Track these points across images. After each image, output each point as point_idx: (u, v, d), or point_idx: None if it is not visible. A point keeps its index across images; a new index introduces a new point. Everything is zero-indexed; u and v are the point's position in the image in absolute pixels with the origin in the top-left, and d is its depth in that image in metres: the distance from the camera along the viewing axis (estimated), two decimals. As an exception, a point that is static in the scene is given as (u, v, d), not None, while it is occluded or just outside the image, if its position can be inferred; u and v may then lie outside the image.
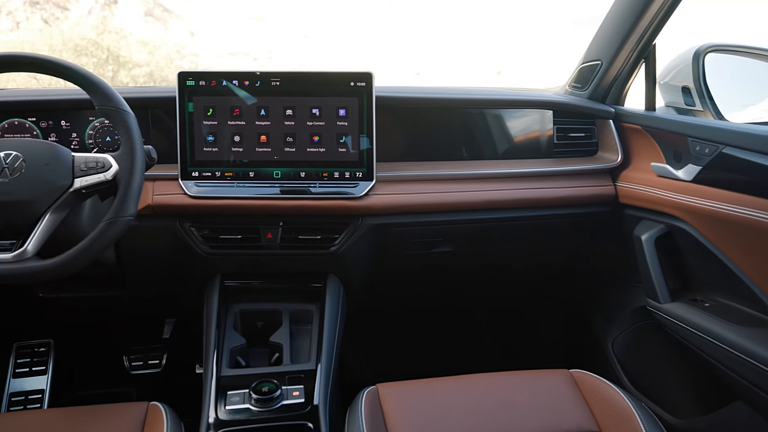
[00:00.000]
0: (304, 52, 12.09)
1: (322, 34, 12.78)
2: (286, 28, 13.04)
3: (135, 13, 12.00)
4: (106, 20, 9.38)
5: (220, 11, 13.12)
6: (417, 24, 11.45)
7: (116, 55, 7.82)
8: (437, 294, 1.71)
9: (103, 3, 11.79)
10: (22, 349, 1.66)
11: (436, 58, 10.50)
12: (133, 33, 9.08)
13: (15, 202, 0.98)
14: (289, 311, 1.33)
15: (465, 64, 10.10)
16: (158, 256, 1.32)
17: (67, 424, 1.03)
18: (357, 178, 1.29)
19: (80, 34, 8.36)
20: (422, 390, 1.13)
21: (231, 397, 1.10)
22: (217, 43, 11.96)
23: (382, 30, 11.64)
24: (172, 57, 9.08)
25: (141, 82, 7.48)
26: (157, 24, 11.45)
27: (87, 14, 11.35)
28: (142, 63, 8.15)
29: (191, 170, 1.27)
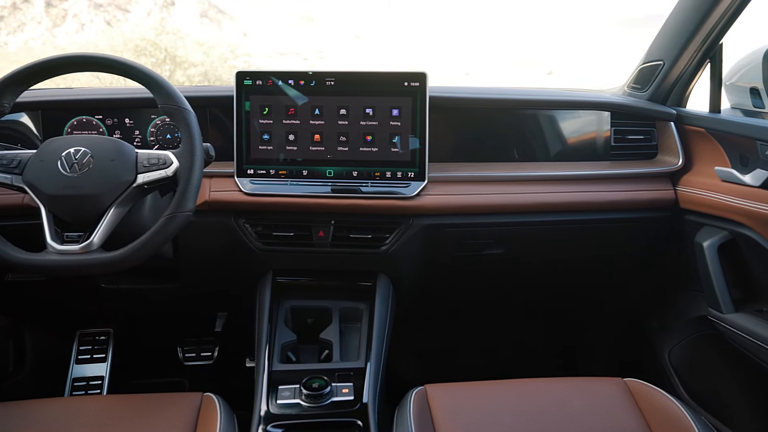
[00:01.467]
0: (354, 52, 12.18)
1: (372, 34, 12.84)
2: (337, 29, 13.16)
3: (191, 14, 12.37)
4: (164, 21, 9.72)
5: (271, 12, 13.35)
6: (467, 25, 11.36)
7: (173, 55, 8.08)
8: (487, 296, 1.69)
9: (162, 5, 12.21)
10: (84, 337, 1.73)
11: (486, 59, 10.40)
12: (189, 34, 9.37)
13: (83, 196, 1.02)
14: (338, 309, 1.34)
15: (515, 64, 9.97)
16: (213, 251, 1.36)
17: (127, 410, 1.07)
18: (409, 178, 1.29)
19: (140, 35, 8.68)
20: (471, 392, 1.12)
21: (282, 392, 1.12)
22: (269, 43, 12.19)
23: (433, 31, 11.60)
24: (225, 57, 9.32)
25: (196, 81, 7.71)
26: (211, 25, 11.77)
27: (146, 16, 11.77)
28: (198, 63, 8.40)
29: (246, 168, 1.29)
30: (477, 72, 9.77)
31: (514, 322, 1.89)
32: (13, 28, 11.07)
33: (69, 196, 1.02)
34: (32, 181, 1.02)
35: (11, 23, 11.14)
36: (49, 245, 1.01)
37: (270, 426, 1.06)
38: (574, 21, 10.57)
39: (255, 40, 12.13)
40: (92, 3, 11.98)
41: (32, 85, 1.09)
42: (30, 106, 1.33)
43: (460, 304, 1.76)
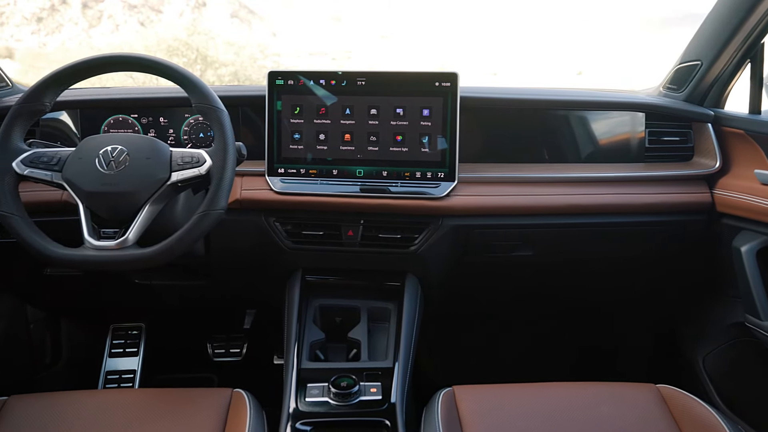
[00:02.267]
0: (382, 52, 12.18)
1: (399, 35, 12.83)
2: (364, 29, 13.19)
3: (222, 15, 12.53)
4: (195, 22, 9.85)
5: (300, 12, 13.45)
6: (494, 24, 11.27)
7: (204, 55, 8.19)
8: (516, 297, 1.67)
9: (194, 6, 12.41)
10: (117, 331, 1.77)
11: (513, 59, 10.29)
12: (220, 34, 9.48)
13: (119, 193, 1.04)
14: (367, 308, 1.35)
15: (543, 64, 9.85)
16: (244, 249, 1.37)
17: (160, 404, 1.09)
18: (438, 178, 1.28)
19: (172, 35, 8.82)
20: (500, 395, 1.11)
21: (310, 390, 1.13)
22: (298, 43, 12.25)
23: (459, 30, 11.54)
24: (255, 57, 9.40)
25: (226, 81, 7.81)
26: (242, 25, 11.90)
27: (179, 16, 11.96)
28: (228, 63, 8.49)
29: (277, 167, 1.30)
30: (504, 72, 9.66)
31: (544, 325, 1.86)
32: (51, 29, 11.37)
33: (106, 193, 1.04)
34: (71, 178, 1.05)
35: (49, 24, 11.44)
36: (86, 241, 1.03)
37: (299, 423, 1.06)
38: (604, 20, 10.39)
39: (284, 40, 12.21)
40: (126, 4, 12.23)
41: (72, 85, 1.11)
42: (69, 104, 1.37)
43: (489, 305, 1.75)
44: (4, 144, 1.05)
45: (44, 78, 1.09)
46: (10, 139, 1.06)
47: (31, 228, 1.04)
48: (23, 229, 1.03)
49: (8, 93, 1.44)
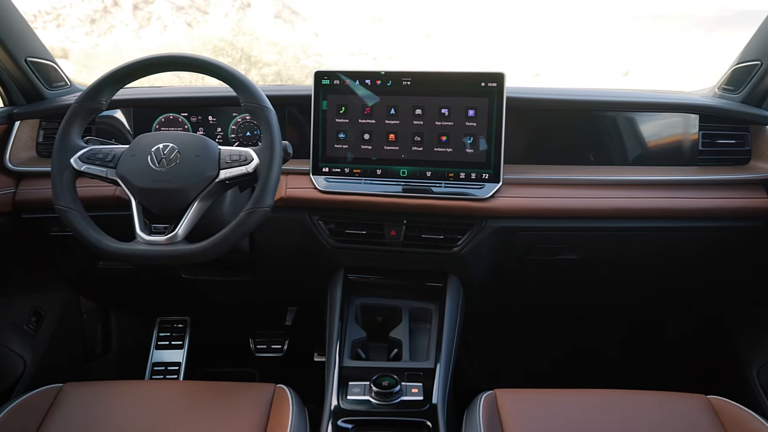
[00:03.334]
0: (424, 52, 12.16)
1: (442, 34, 12.79)
2: (406, 29, 13.19)
3: (266, 15, 12.74)
4: (240, 22, 10.05)
5: (343, 12, 13.57)
6: (535, 24, 11.11)
7: (249, 55, 8.34)
8: (559, 301, 1.64)
9: (238, 6, 12.68)
10: (164, 324, 1.82)
11: (556, 58, 10.13)
12: (264, 34, 9.64)
13: (169, 189, 1.06)
14: (408, 308, 1.34)
15: (586, 64, 9.66)
16: (288, 246, 1.39)
17: (204, 396, 1.11)
18: (483, 179, 1.27)
19: (218, 35, 9.02)
20: (543, 400, 1.09)
21: (352, 388, 1.13)
22: (340, 43, 12.36)
23: (500, 30, 11.43)
24: (298, 57, 9.53)
25: (269, 80, 7.93)
26: (285, 25, 12.07)
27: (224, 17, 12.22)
28: (271, 62, 8.63)
29: (322, 166, 1.31)
30: (547, 72, 9.52)
31: (588, 330, 1.83)
32: (103, 30, 11.79)
33: (157, 190, 1.06)
34: (125, 175, 1.07)
35: (102, 26, 11.87)
36: (138, 236, 1.05)
37: (340, 421, 1.07)
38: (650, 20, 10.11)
39: (326, 40, 12.33)
40: (174, 5, 12.58)
41: (128, 84, 1.15)
42: (123, 103, 1.41)
43: (531, 308, 1.72)
44: (63, 141, 1.09)
45: (101, 77, 1.12)
46: (69, 136, 1.10)
47: (87, 222, 1.07)
48: (79, 223, 1.07)
49: (67, 92, 1.50)
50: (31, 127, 1.41)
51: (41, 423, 1.03)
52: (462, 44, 11.63)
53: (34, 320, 1.51)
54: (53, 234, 1.37)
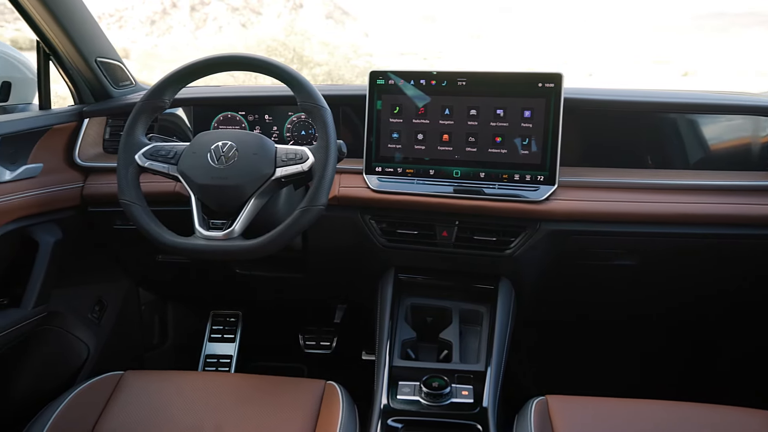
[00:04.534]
0: (474, 52, 12.07)
1: (492, 35, 12.66)
2: (458, 28, 13.13)
3: (317, 15, 12.91)
4: (293, 23, 10.21)
5: (393, 12, 13.61)
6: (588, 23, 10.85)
7: (300, 55, 8.46)
8: (614, 307, 1.60)
9: (291, 7, 12.91)
10: (217, 317, 1.87)
11: (610, 59, 9.86)
12: (315, 34, 9.77)
13: (228, 186, 1.08)
14: (458, 310, 1.34)
15: (643, 64, 9.36)
16: (340, 244, 1.40)
17: (257, 389, 1.13)
18: (538, 181, 1.25)
19: (271, 35, 9.19)
20: (596, 409, 1.07)
21: (402, 388, 1.13)
22: (389, 43, 12.39)
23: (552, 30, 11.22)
24: (348, 57, 9.61)
25: (320, 80, 8.04)
26: (336, 26, 12.21)
27: (277, 18, 12.45)
28: (323, 62, 8.73)
29: (375, 165, 1.32)
30: (601, 72, 9.27)
31: (643, 338, 1.77)
32: (162, 31, 12.21)
33: (216, 186, 1.08)
34: (185, 171, 1.10)
35: (161, 27, 12.29)
36: (197, 231, 1.08)
37: (390, 420, 1.07)
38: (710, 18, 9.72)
39: (376, 40, 12.40)
40: (229, 6, 12.91)
41: (190, 83, 1.18)
42: (184, 102, 1.45)
43: (584, 314, 1.68)
44: (128, 138, 1.13)
45: (165, 77, 1.16)
46: (134, 133, 1.14)
47: (149, 216, 1.11)
48: (142, 218, 1.11)
49: (132, 90, 1.56)
50: (99, 124, 1.47)
51: (104, 407, 1.08)
52: (512, 45, 11.48)
53: (98, 309, 1.58)
54: (116, 227, 1.43)
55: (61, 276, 1.35)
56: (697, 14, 10.02)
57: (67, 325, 1.47)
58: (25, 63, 1.42)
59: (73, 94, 1.47)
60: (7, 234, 1.20)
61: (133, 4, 12.33)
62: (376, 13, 13.37)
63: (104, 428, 1.03)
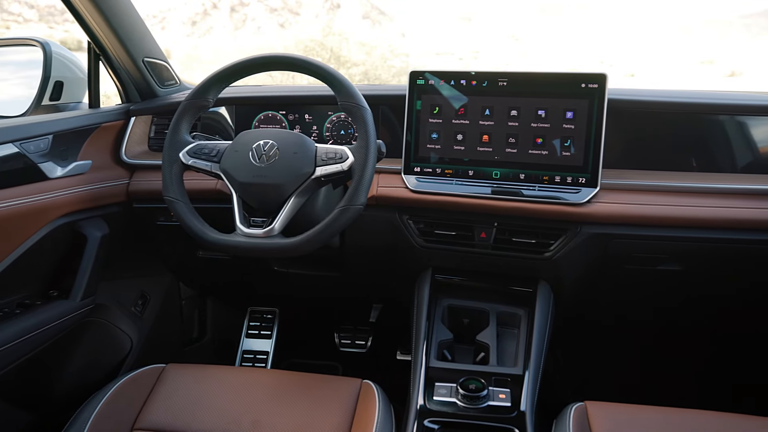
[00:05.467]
0: (511, 53, 11.96)
1: (529, 35, 12.54)
2: (494, 29, 13.05)
3: (354, 16, 12.98)
4: (330, 23, 10.28)
5: (430, 13, 13.62)
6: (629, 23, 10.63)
7: (338, 55, 8.52)
8: (657, 314, 1.56)
9: (328, 8, 13.01)
10: (254, 314, 1.90)
11: (651, 59, 9.63)
12: (352, 35, 9.82)
13: (268, 184, 1.09)
14: (496, 312, 1.33)
15: (686, 65, 9.11)
16: (377, 244, 1.41)
17: (294, 386, 1.15)
18: (579, 183, 1.23)
19: (309, 36, 9.28)
20: (637, 416, 1.04)
21: (438, 389, 1.13)
22: (425, 43, 12.37)
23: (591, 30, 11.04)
24: (385, 57, 9.63)
25: (357, 80, 8.07)
26: (373, 26, 12.24)
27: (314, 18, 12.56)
28: (359, 62, 8.77)
29: (413, 165, 1.32)
30: (642, 73, 9.05)
31: (686, 346, 1.72)
32: (202, 31, 12.48)
33: (257, 184, 1.10)
34: (228, 169, 1.12)
35: (201, 28, 12.56)
36: (237, 228, 1.10)
37: (426, 420, 1.07)
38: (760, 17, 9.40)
39: (412, 40, 12.39)
40: (268, 7, 13.11)
41: (233, 82, 1.20)
42: (226, 101, 1.48)
43: (625, 319, 1.65)
44: (173, 136, 1.16)
45: (209, 77, 1.18)
46: (179, 131, 1.16)
47: (192, 213, 1.14)
48: (185, 214, 1.13)
49: (177, 90, 1.60)
50: (144, 122, 1.51)
51: (147, 398, 1.11)
52: (549, 45, 11.34)
53: (141, 303, 1.62)
54: (159, 223, 1.47)
55: (107, 270, 1.39)
56: (744, 13, 9.69)
57: (112, 317, 1.51)
58: (76, 63, 1.47)
59: (121, 93, 1.52)
60: (58, 228, 1.24)
61: (175, 5, 12.63)
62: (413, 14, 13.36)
63: (147, 418, 1.06)
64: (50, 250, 1.26)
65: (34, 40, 1.41)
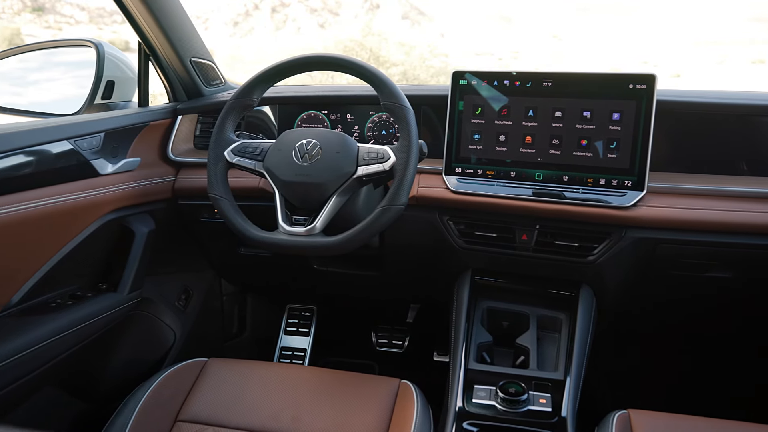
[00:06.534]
0: (552, 53, 11.80)
1: (571, 34, 12.36)
2: (535, 28, 12.93)
3: (394, 16, 12.98)
4: (370, 23, 10.32)
5: (469, 13, 13.58)
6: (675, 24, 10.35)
7: (377, 55, 8.54)
8: (702, 321, 1.51)
9: (368, 8, 13.06)
10: (292, 311, 1.92)
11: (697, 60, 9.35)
12: (392, 35, 9.83)
13: (311, 183, 1.10)
14: (536, 315, 1.31)
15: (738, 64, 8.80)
16: (416, 244, 1.40)
17: (332, 384, 1.15)
18: (625, 186, 1.20)
19: (348, 36, 9.33)
20: (683, 426, 1.01)
21: (477, 392, 1.12)
22: (465, 43, 12.30)
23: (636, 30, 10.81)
24: (424, 57, 9.60)
25: (395, 80, 8.08)
26: (412, 26, 12.23)
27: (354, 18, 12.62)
28: (398, 62, 8.78)
29: (455, 166, 1.31)
30: (688, 73, 8.79)
31: (732, 356, 1.66)
32: (244, 32, 12.69)
33: (300, 183, 1.11)
34: (271, 168, 1.14)
35: (243, 28, 12.78)
36: (280, 226, 1.11)
37: (465, 423, 1.07)
38: (822, 14, 9.02)
39: (452, 40, 12.34)
40: (308, 8, 13.26)
41: (278, 82, 1.22)
42: (270, 100, 1.51)
43: (669, 326, 1.60)
44: (219, 135, 1.18)
45: (254, 76, 1.20)
46: (224, 130, 1.18)
47: (236, 211, 1.15)
48: (229, 211, 1.15)
49: (222, 89, 1.63)
50: (190, 121, 1.54)
51: (189, 391, 1.13)
52: (591, 45, 11.14)
53: (184, 298, 1.66)
54: (203, 220, 1.50)
55: (152, 265, 1.43)
56: (801, 10, 9.24)
57: (157, 311, 1.55)
58: (127, 63, 1.51)
59: (168, 92, 1.56)
60: (108, 223, 1.28)
61: (218, 6, 12.88)
62: (453, 14, 13.27)
63: (190, 410, 1.09)
64: (100, 244, 1.30)
65: (89, 41, 1.46)
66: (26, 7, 38.17)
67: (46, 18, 36.40)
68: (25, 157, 1.08)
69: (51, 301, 1.20)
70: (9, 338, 1.04)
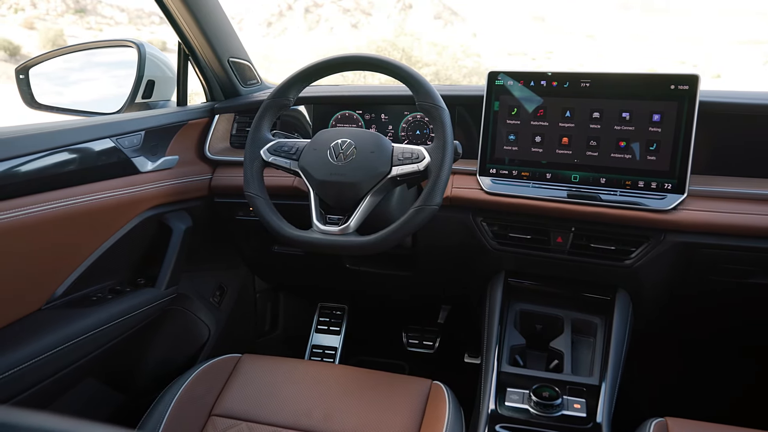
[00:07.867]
0: (586, 53, 11.63)
1: (606, 34, 12.17)
2: (569, 28, 12.76)
3: (426, 16, 12.96)
4: (402, 24, 10.33)
5: (502, 12, 13.49)
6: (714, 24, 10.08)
7: (409, 55, 8.54)
8: (741, 328, 1.47)
9: (400, 8, 13.06)
10: (324, 309, 1.93)
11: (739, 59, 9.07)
12: (424, 35, 9.81)
13: (345, 183, 1.11)
14: (570, 319, 1.29)
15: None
16: (449, 245, 1.40)
17: (363, 383, 1.16)
18: (665, 189, 1.17)
19: (381, 36, 9.35)
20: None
21: (510, 395, 1.11)
22: (497, 43, 12.23)
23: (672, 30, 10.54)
24: (456, 57, 9.55)
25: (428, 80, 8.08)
26: (445, 26, 12.19)
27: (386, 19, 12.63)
28: (431, 63, 8.75)
29: (489, 167, 1.30)
30: (729, 74, 8.54)
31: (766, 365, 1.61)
32: (277, 32, 12.84)
33: (334, 182, 1.11)
34: (306, 167, 1.14)
35: (277, 28, 12.93)
36: (314, 224, 1.12)
37: (498, 426, 1.06)
38: None
39: (484, 40, 12.28)
40: (341, 8, 13.34)
41: (313, 82, 1.22)
42: (305, 100, 1.52)
43: (709, 332, 1.56)
44: (255, 134, 1.20)
45: (290, 76, 1.21)
46: (260, 129, 1.20)
47: (271, 209, 1.17)
48: (265, 210, 1.16)
49: (258, 89, 1.65)
50: (227, 120, 1.57)
51: (224, 386, 1.15)
52: (627, 45, 10.93)
53: (219, 294, 1.69)
54: (238, 218, 1.52)
55: (189, 261, 1.45)
56: None
57: (193, 306, 1.58)
58: (166, 63, 1.54)
59: (206, 91, 1.58)
60: (147, 219, 1.31)
61: (251, 7, 13.06)
62: (485, 14, 13.17)
63: (224, 405, 1.10)
64: (139, 240, 1.33)
65: (131, 41, 1.49)
66: (69, 9, 39.22)
67: (87, 19, 37.37)
68: (69, 155, 1.12)
69: (92, 295, 1.23)
70: (53, 330, 1.07)
